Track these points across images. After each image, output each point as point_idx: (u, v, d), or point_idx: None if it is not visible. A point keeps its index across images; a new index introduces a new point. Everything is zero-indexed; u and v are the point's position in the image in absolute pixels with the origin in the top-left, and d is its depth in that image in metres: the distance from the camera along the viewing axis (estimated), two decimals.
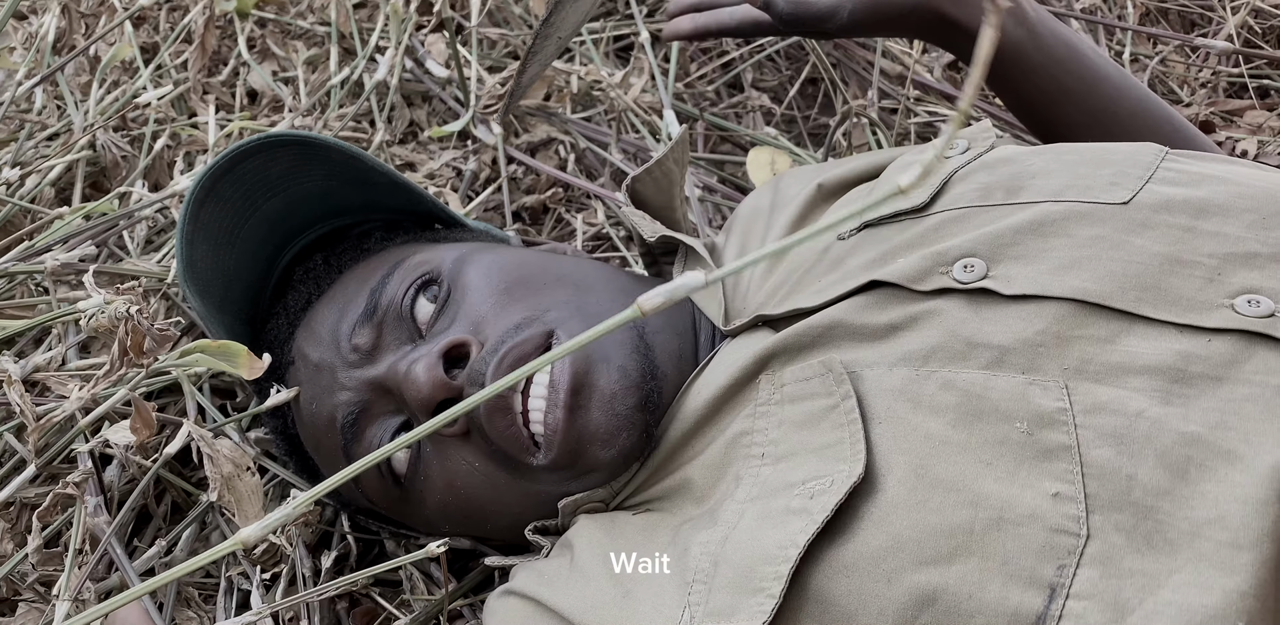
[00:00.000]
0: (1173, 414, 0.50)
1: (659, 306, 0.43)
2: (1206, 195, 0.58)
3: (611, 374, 0.62)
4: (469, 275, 0.68)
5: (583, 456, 0.62)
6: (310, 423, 0.70)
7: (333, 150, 0.72)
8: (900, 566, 0.49)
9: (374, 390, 0.66)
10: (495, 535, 0.71)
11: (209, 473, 0.69)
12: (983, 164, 0.65)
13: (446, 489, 0.65)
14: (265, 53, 1.21)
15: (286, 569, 0.75)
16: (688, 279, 0.44)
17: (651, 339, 0.65)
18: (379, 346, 0.67)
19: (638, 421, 0.62)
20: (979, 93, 1.23)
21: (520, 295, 0.66)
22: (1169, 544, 0.47)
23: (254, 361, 0.67)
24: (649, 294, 0.45)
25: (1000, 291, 0.56)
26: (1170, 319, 0.53)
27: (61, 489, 0.71)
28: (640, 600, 0.55)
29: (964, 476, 0.50)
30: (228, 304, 0.74)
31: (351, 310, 0.68)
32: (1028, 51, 0.78)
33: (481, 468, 0.64)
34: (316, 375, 0.69)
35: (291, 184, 0.74)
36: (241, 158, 0.70)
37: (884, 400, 0.55)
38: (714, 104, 1.23)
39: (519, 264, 0.69)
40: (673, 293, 0.43)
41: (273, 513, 0.36)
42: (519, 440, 0.62)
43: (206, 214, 0.71)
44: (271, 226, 0.76)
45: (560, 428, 0.61)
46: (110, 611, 0.46)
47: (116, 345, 0.59)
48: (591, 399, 0.61)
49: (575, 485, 0.64)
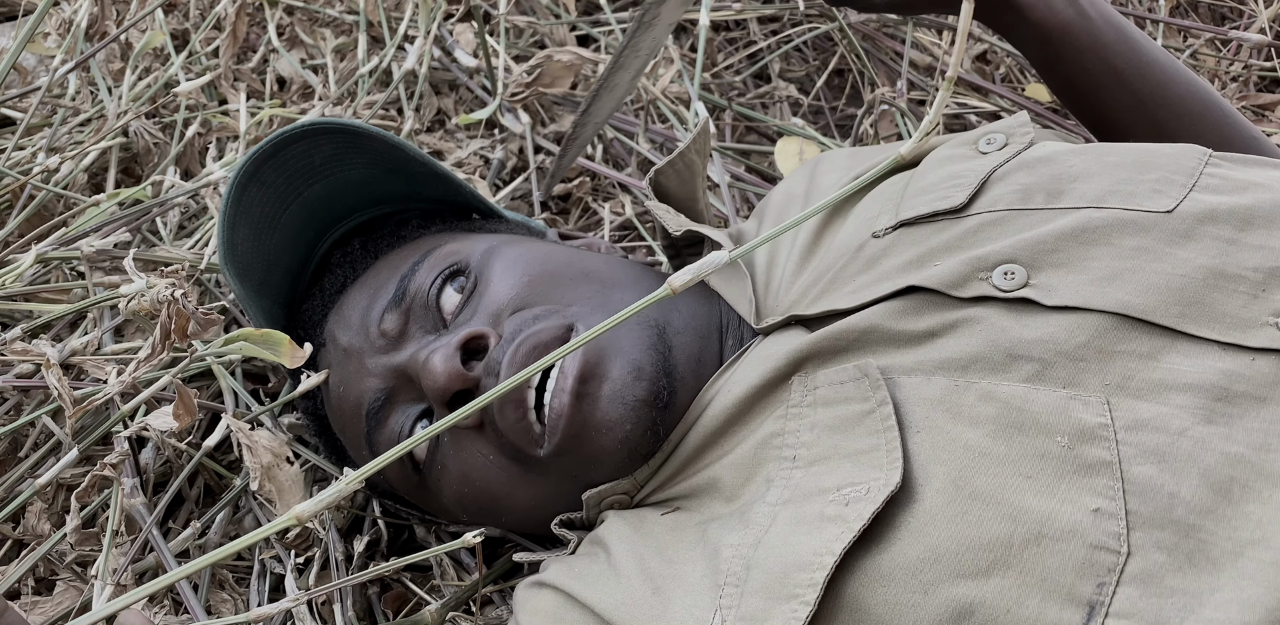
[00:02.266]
0: (1216, 433, 0.49)
1: (688, 283, 0.46)
2: (1251, 204, 0.57)
3: (623, 366, 0.62)
4: (495, 267, 0.68)
5: (585, 445, 0.62)
6: (338, 406, 0.71)
7: (375, 139, 0.73)
8: (937, 578, 0.48)
9: (398, 377, 0.67)
10: (514, 527, 0.71)
11: (248, 463, 0.70)
12: (1021, 163, 0.64)
13: (461, 480, 0.66)
14: (294, 40, 1.21)
15: (319, 553, 0.76)
16: (714, 256, 0.46)
17: (672, 339, 0.65)
18: (405, 334, 0.68)
19: (644, 416, 0.62)
20: (1009, 86, 1.23)
21: (543, 289, 0.66)
22: (1211, 563, 0.46)
23: (295, 351, 0.67)
24: (679, 273, 0.46)
25: (1041, 302, 0.55)
26: (1214, 337, 0.52)
27: (99, 471, 0.72)
28: (671, 600, 0.55)
29: (1004, 489, 0.50)
30: (266, 288, 0.75)
31: (381, 296, 0.69)
32: (1076, 33, 0.77)
33: (495, 460, 0.64)
34: (345, 359, 0.69)
35: (334, 171, 0.75)
36: (286, 144, 0.71)
37: (922, 409, 0.54)
38: (741, 94, 1.23)
39: (546, 258, 0.70)
40: (700, 269, 0.45)
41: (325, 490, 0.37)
42: (528, 432, 0.62)
43: (249, 198, 0.72)
44: (312, 213, 0.76)
45: (565, 413, 0.61)
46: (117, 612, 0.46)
47: (159, 329, 0.59)
48: (600, 388, 0.61)
49: (583, 478, 0.64)
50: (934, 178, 0.66)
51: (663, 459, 0.64)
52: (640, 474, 0.64)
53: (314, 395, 0.75)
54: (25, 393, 0.81)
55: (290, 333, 0.74)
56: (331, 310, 0.73)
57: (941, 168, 0.68)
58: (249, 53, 1.19)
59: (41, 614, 0.72)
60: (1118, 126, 0.80)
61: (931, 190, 0.65)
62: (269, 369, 0.88)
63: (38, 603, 0.72)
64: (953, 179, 0.65)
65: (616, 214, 1.06)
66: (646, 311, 0.62)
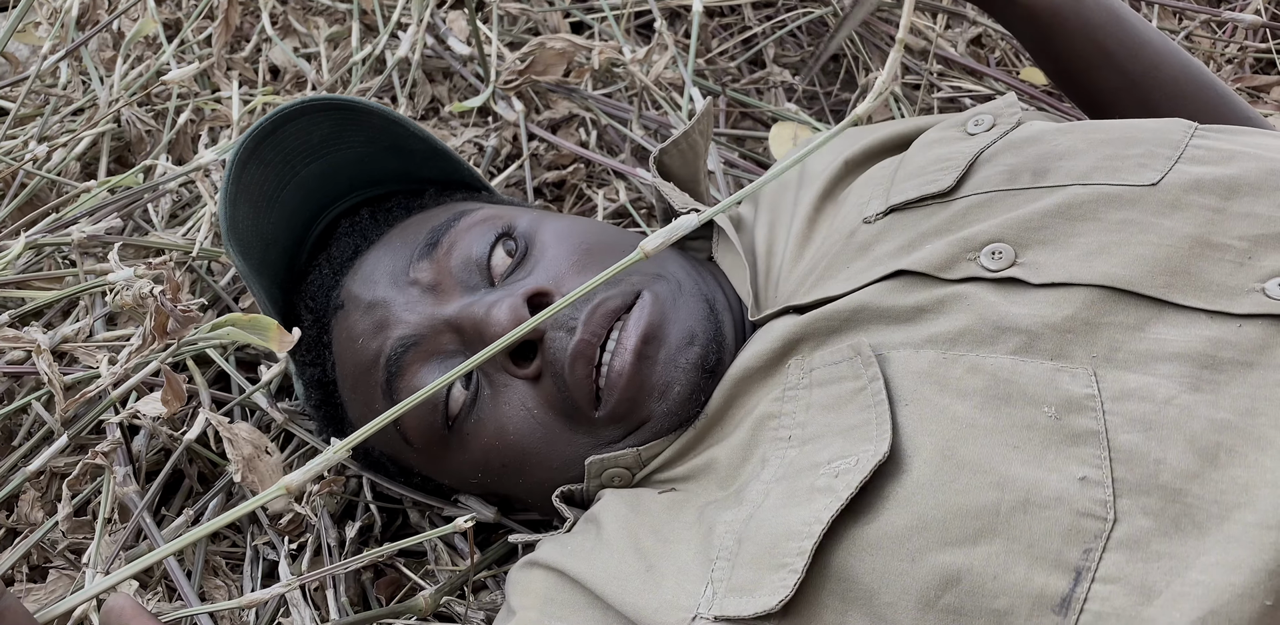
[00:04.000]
0: (1202, 400, 0.49)
1: (659, 246, 0.49)
2: (1237, 173, 0.57)
3: (680, 332, 0.64)
4: (547, 235, 0.69)
5: (638, 406, 0.63)
6: (352, 361, 0.70)
7: (374, 115, 0.73)
8: (924, 546, 0.49)
9: (433, 327, 0.66)
10: (522, 492, 0.71)
11: (230, 455, 0.70)
12: (1008, 143, 0.65)
13: (496, 433, 0.66)
14: (287, 29, 1.21)
15: (311, 539, 0.75)
16: (683, 220, 0.48)
17: (720, 316, 0.67)
18: (441, 286, 0.68)
19: (693, 379, 0.63)
20: (1004, 70, 1.22)
21: (601, 258, 0.68)
22: (1197, 527, 0.46)
23: (284, 335, 0.67)
24: (650, 237, 0.49)
25: (1029, 281, 0.56)
26: (1200, 305, 0.53)
27: (91, 459, 0.72)
28: (664, 575, 0.55)
29: (990, 459, 0.50)
30: (265, 267, 0.75)
31: (412, 249, 0.70)
32: (1066, 14, 0.77)
33: (539, 415, 0.65)
34: (369, 313, 0.69)
35: (330, 150, 0.75)
36: (284, 121, 0.71)
37: (910, 382, 0.55)
38: (735, 80, 1.23)
39: (598, 230, 0.71)
40: (671, 232, 0.48)
41: (313, 460, 0.37)
42: (590, 390, 0.63)
43: (248, 176, 0.72)
44: (308, 193, 0.76)
45: (626, 372, 0.62)
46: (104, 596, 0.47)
47: (149, 320, 0.59)
48: (659, 351, 0.63)
49: (624, 440, 0.65)
50: (922, 161, 0.67)
51: (669, 442, 0.65)
52: (646, 451, 0.64)
53: (322, 362, 0.74)
54: (17, 380, 0.81)
55: (291, 308, 0.74)
56: (346, 275, 0.73)
57: (930, 150, 0.68)
58: (242, 41, 1.19)
59: (35, 601, 0.72)
60: (1111, 108, 0.80)
61: (920, 174, 0.66)
62: (262, 356, 0.87)
63: (31, 590, 0.72)
64: (941, 162, 0.66)
65: (611, 200, 1.06)
66: (700, 288, 0.67)
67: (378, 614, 0.68)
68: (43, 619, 0.49)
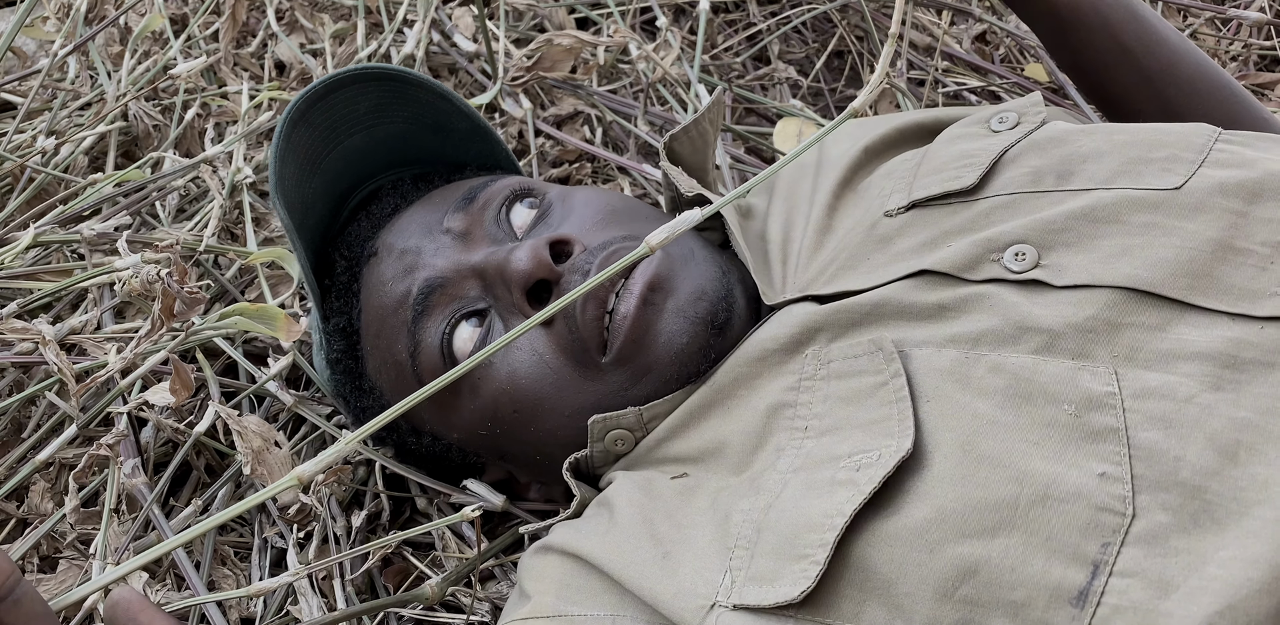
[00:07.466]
0: (1223, 399, 0.50)
1: (665, 240, 0.49)
2: (1260, 177, 0.57)
3: (690, 287, 0.65)
4: (575, 198, 0.72)
5: (642, 352, 0.64)
6: (379, 304, 0.71)
7: (424, 88, 0.75)
8: (943, 538, 0.49)
9: (459, 272, 0.68)
10: (530, 449, 0.70)
11: (239, 448, 0.70)
12: (1032, 143, 0.65)
13: (507, 378, 0.66)
14: (293, 25, 1.21)
15: (319, 528, 0.76)
16: (688, 214, 0.48)
17: (732, 284, 0.68)
18: (471, 235, 0.70)
19: (700, 334, 0.64)
20: (1009, 67, 1.22)
21: (623, 221, 0.70)
22: (1216, 523, 0.47)
23: (291, 325, 0.67)
24: (655, 231, 0.49)
25: (1052, 283, 0.56)
26: (1222, 308, 0.53)
27: (97, 450, 0.72)
28: (681, 562, 0.55)
29: (1011, 454, 0.50)
30: (303, 231, 0.75)
31: (449, 203, 0.72)
32: (1085, 10, 0.78)
33: (550, 360, 0.65)
34: (400, 259, 0.70)
35: (375, 122, 0.76)
36: (335, 87, 0.73)
37: (932, 380, 0.55)
38: (741, 76, 1.23)
39: (623, 198, 0.74)
40: (675, 226, 0.48)
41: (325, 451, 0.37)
42: (598, 333, 0.64)
43: (298, 136, 0.73)
44: (349, 163, 0.78)
45: (630, 315, 0.63)
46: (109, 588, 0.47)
47: (157, 305, 0.60)
48: (666, 301, 0.64)
49: (629, 393, 0.65)
50: (946, 156, 0.67)
51: (672, 405, 0.65)
52: (649, 411, 0.65)
53: (349, 310, 0.74)
54: (27, 371, 0.81)
55: (327, 261, 0.76)
56: (383, 228, 0.74)
57: (953, 145, 0.69)
58: (248, 37, 1.20)
59: (46, 591, 0.72)
60: (1126, 104, 0.80)
61: (943, 169, 0.66)
62: (269, 348, 0.88)
63: (41, 580, 0.73)
64: (964, 158, 0.66)
65: None
66: (713, 257, 0.69)
67: (385, 602, 0.69)
68: (55, 608, 0.49)
